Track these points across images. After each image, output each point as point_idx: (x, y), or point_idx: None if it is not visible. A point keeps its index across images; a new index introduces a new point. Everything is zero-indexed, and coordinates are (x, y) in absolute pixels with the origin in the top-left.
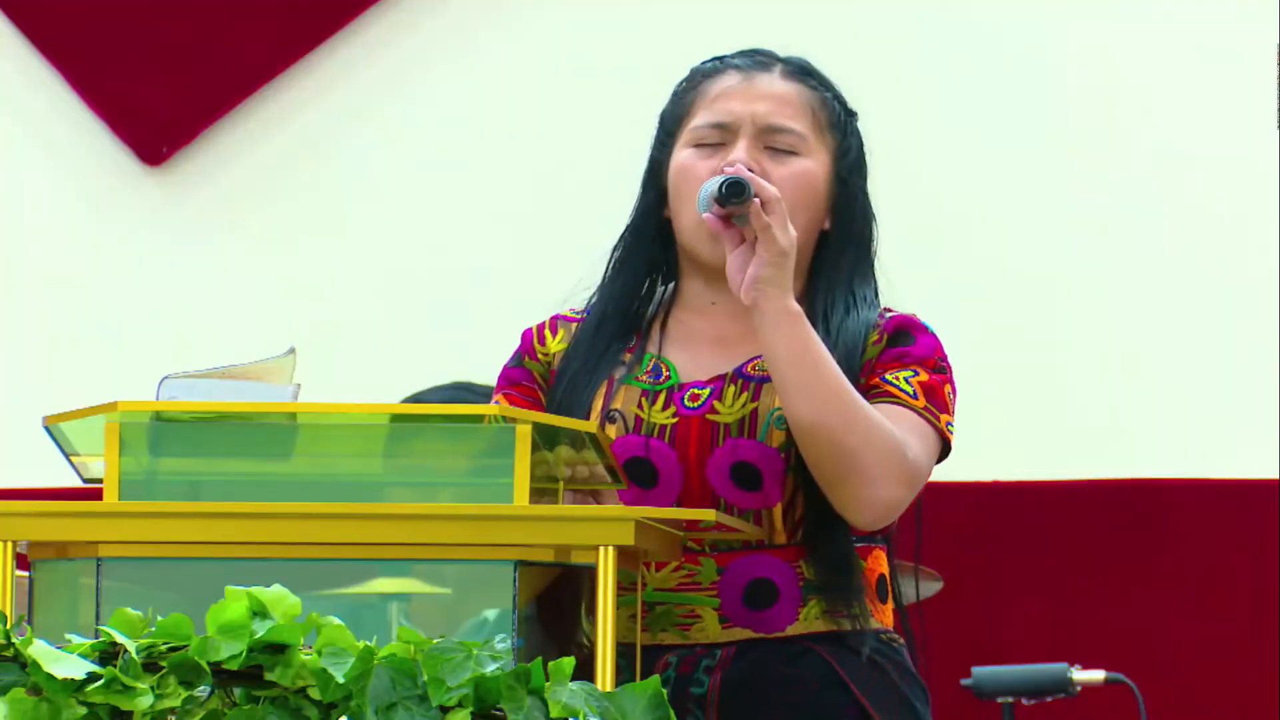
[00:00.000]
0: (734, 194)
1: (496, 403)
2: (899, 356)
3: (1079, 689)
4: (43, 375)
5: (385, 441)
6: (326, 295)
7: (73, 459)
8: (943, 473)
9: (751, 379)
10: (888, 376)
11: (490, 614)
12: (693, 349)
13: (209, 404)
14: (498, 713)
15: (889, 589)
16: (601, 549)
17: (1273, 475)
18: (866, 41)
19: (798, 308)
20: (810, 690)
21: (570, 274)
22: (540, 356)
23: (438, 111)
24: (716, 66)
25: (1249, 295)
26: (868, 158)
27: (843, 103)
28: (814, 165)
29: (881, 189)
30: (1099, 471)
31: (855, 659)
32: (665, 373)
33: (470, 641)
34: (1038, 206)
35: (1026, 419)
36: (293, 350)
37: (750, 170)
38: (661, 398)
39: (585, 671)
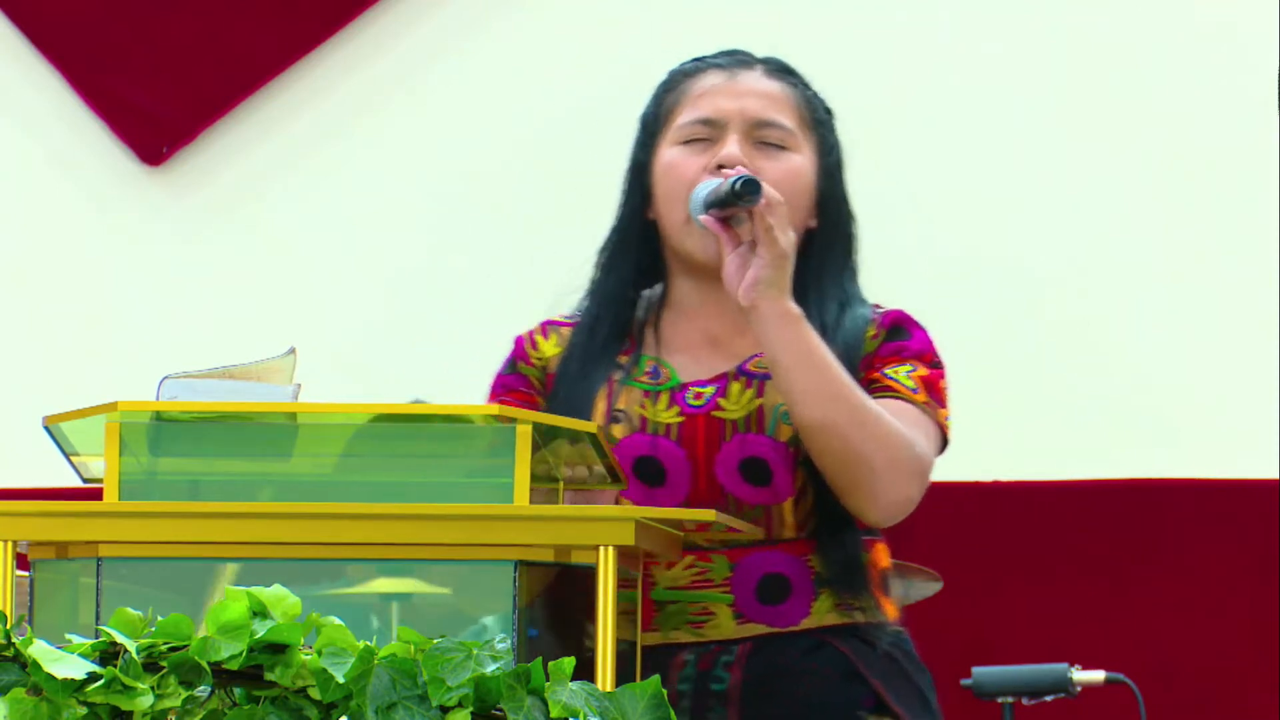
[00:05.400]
0: (749, 191)
1: None
2: (897, 351)
3: (1079, 689)
4: (43, 375)
5: (385, 442)
6: (326, 295)
7: (73, 459)
8: (942, 472)
9: (754, 376)
10: (888, 371)
11: (488, 620)
12: (689, 350)
13: (209, 404)
14: (498, 713)
15: (889, 582)
16: (601, 549)
17: (1273, 475)
18: (864, 37)
19: (797, 309)
20: (828, 682)
21: (571, 274)
22: (535, 361)
23: (438, 111)
24: (698, 66)
25: (1249, 295)
26: (845, 157)
27: (822, 101)
28: (803, 162)
29: (879, 184)
30: (1099, 471)
31: (870, 651)
32: (664, 373)
33: (470, 641)
34: (1038, 205)
35: (1026, 419)
36: (293, 350)
37: (744, 165)
38: (664, 398)
39: (588, 671)
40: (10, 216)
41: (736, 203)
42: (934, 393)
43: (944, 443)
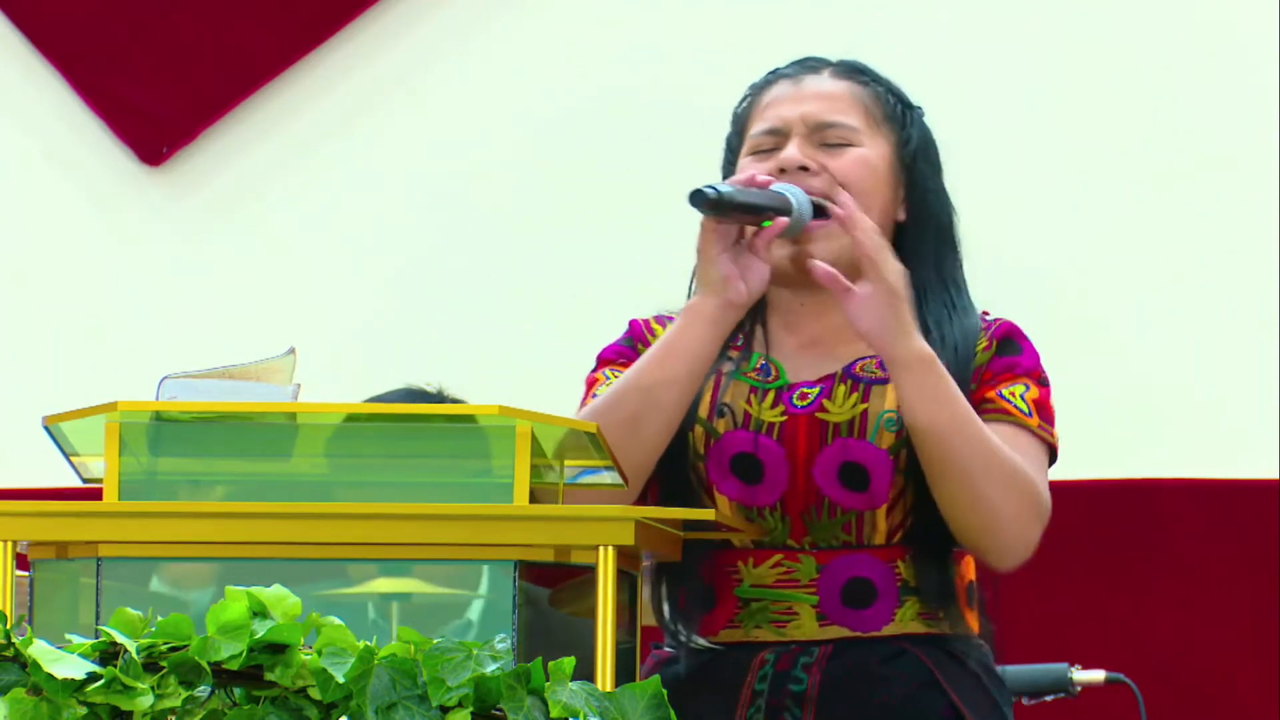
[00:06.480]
0: (693, 203)
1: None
2: (1009, 367)
3: (1079, 689)
4: (43, 375)
5: (385, 441)
6: (326, 295)
7: (73, 459)
8: None
9: (861, 379)
10: (1003, 392)
11: (473, 615)
12: (796, 351)
13: (209, 404)
14: (498, 713)
15: (974, 594)
16: (601, 549)
17: (1273, 475)
18: (863, 37)
19: (929, 352)
20: (906, 690)
21: (570, 273)
22: (651, 343)
23: (438, 111)
24: (769, 79)
25: (1249, 295)
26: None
27: (899, 95)
28: (870, 153)
29: None
30: (1099, 471)
31: (951, 662)
32: (774, 372)
33: (470, 641)
34: (1038, 206)
35: None
36: (293, 350)
37: (806, 166)
38: (770, 396)
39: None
40: (10, 216)
41: (720, 215)
42: (1045, 413)
43: (1052, 461)
